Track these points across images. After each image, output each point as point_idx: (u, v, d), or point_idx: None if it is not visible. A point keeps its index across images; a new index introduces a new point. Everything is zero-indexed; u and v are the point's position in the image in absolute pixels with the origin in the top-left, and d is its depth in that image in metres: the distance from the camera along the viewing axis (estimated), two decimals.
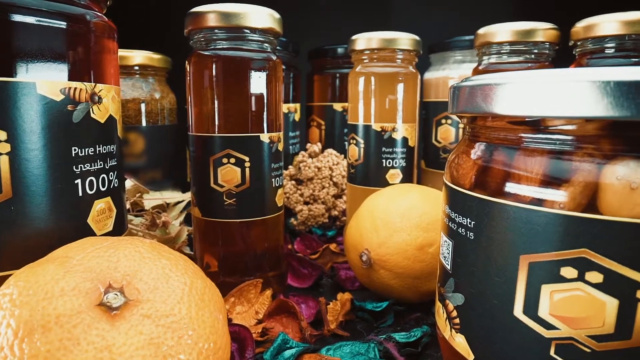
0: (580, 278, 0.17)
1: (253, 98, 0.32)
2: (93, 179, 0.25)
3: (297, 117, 0.61)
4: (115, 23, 0.28)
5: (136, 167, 0.46)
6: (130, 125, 0.45)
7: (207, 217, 0.33)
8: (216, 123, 0.32)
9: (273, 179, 0.34)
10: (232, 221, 0.33)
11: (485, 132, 0.21)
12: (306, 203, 0.54)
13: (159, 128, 0.47)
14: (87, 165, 0.25)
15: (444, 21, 0.70)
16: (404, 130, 0.43)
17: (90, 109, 0.25)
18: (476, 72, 0.42)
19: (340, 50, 0.61)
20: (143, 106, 0.46)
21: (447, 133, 0.56)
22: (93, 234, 0.26)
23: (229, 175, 0.32)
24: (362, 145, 0.43)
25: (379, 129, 0.42)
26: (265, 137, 0.33)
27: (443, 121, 0.56)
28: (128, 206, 0.42)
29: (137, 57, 0.46)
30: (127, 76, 0.46)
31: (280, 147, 0.35)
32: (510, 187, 0.19)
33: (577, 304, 0.17)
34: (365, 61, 0.43)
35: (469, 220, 0.21)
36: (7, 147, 0.22)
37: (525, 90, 0.18)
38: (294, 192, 0.53)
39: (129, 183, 0.43)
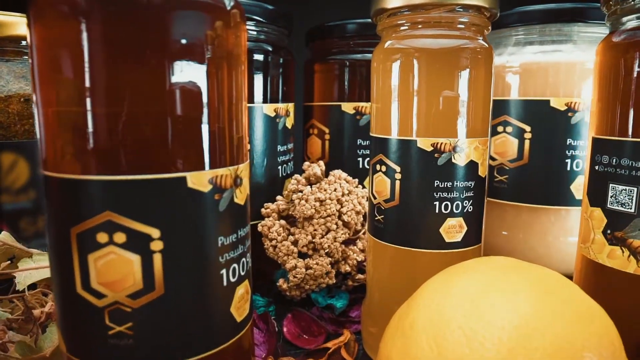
0: None
1: (178, 92, 0.14)
2: None
3: (289, 122, 0.43)
4: None
5: (13, 212, 0.27)
6: (3, 141, 0.27)
7: (78, 358, 0.15)
8: (89, 149, 0.14)
9: (224, 271, 0.15)
10: None
11: None
12: (302, 255, 0.35)
13: None
14: None
15: None
16: (470, 150, 0.24)
17: None
18: (608, 44, 0.24)
19: (351, 26, 0.44)
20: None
21: (505, 146, 0.40)
22: None
23: (116, 269, 0.14)
24: (397, 176, 0.25)
25: (429, 149, 0.24)
26: (201, 179, 0.15)
27: (500, 129, 0.40)
28: None
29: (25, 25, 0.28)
30: (2, 55, 0.27)
31: (242, 197, 0.16)
32: None
33: None
34: (403, 30, 0.25)
35: None
36: None
37: None
38: (284, 238, 0.35)
39: None
